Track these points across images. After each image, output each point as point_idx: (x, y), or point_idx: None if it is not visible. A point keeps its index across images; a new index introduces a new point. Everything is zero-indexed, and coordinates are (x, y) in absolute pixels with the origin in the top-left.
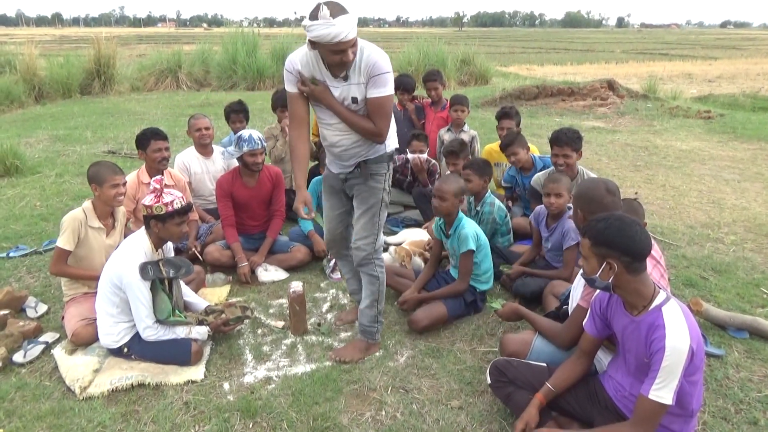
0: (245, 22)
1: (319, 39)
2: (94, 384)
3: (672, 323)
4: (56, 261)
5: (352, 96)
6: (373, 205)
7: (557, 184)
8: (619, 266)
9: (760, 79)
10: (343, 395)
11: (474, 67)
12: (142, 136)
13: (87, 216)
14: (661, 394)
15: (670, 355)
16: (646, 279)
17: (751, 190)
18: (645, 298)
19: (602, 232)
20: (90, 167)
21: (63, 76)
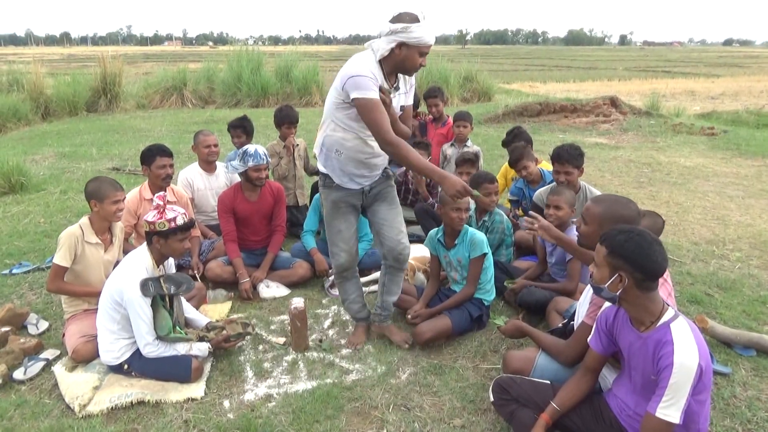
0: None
1: (418, 41)
2: (94, 402)
3: (680, 340)
4: (53, 278)
5: (400, 105)
6: (396, 201)
7: (558, 197)
8: (630, 281)
9: (763, 96)
10: (345, 413)
11: (477, 84)
12: (147, 152)
13: (84, 232)
14: (669, 413)
15: (678, 372)
16: (655, 296)
17: (755, 207)
18: (653, 315)
19: (621, 244)
20: (89, 183)
21: (69, 94)
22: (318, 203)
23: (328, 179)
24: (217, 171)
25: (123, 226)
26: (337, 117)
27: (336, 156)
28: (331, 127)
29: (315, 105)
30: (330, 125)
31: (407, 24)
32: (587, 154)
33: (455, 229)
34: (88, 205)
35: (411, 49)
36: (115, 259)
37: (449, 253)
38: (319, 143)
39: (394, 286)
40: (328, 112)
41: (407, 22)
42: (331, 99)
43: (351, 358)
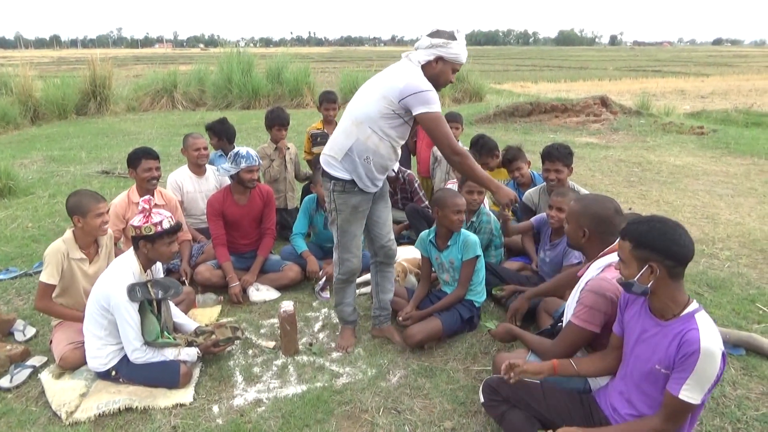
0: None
1: (455, 58)
2: (81, 409)
3: (706, 328)
4: (41, 296)
5: None
6: (389, 199)
7: (562, 198)
8: (662, 270)
9: (752, 95)
10: (335, 417)
11: (468, 85)
12: (133, 155)
13: (68, 247)
14: (692, 395)
15: (704, 359)
16: (682, 286)
17: (744, 205)
18: (679, 306)
19: (645, 234)
20: (69, 198)
21: (59, 97)
22: (308, 206)
23: (349, 184)
24: (206, 174)
25: (112, 234)
26: (380, 126)
27: (365, 162)
28: (366, 134)
29: (306, 107)
30: (365, 132)
31: (447, 40)
32: (578, 153)
33: (452, 231)
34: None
35: (446, 64)
36: (102, 269)
37: (441, 254)
38: (344, 148)
39: (387, 283)
40: (366, 118)
41: (446, 39)
42: (378, 108)
43: (341, 362)
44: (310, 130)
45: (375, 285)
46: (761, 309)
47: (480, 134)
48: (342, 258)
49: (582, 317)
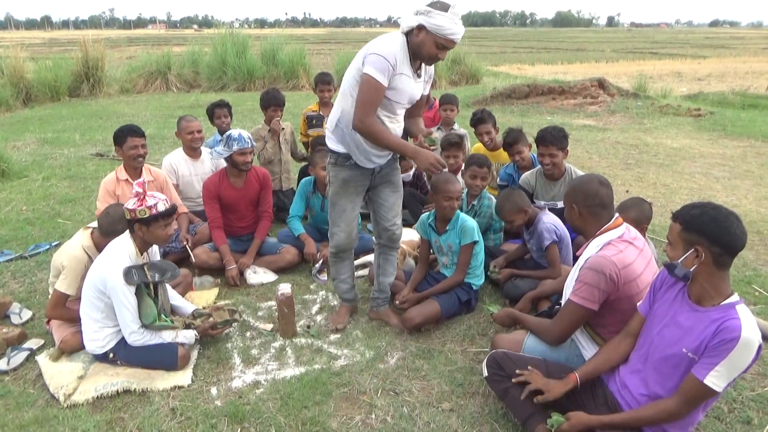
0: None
1: (437, 29)
2: (79, 391)
3: (747, 319)
4: (55, 305)
5: (421, 93)
6: (400, 185)
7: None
8: (707, 255)
9: (749, 77)
10: (333, 399)
11: (465, 67)
12: (119, 133)
13: (89, 254)
14: (717, 382)
15: (742, 348)
16: (727, 276)
17: (741, 188)
18: (721, 296)
19: (696, 217)
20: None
21: (51, 79)
22: (304, 188)
23: (341, 157)
24: (202, 157)
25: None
26: (355, 95)
27: (351, 133)
28: (349, 104)
29: (302, 89)
30: (348, 102)
31: (432, 9)
32: (575, 136)
33: (444, 215)
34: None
35: (428, 35)
36: None
37: (440, 238)
38: (333, 119)
39: (389, 266)
40: (347, 88)
41: (435, 8)
42: (351, 75)
43: (339, 344)
44: (306, 112)
45: (377, 267)
46: (757, 290)
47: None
48: (331, 231)
49: (581, 295)
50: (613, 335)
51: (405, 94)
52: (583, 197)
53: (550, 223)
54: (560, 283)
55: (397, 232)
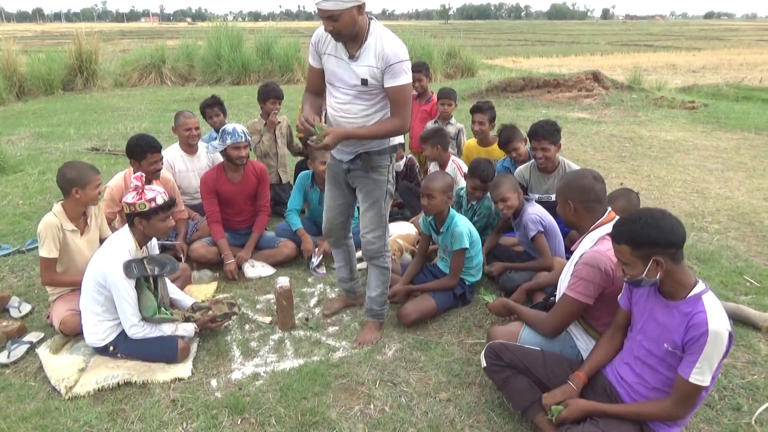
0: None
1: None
2: (80, 383)
3: (712, 310)
4: (45, 271)
5: (362, 78)
6: (378, 198)
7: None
8: (666, 260)
9: (743, 69)
10: (332, 390)
11: (460, 60)
12: (136, 148)
13: (60, 219)
14: (702, 377)
15: (713, 340)
16: (686, 268)
17: (734, 180)
18: (686, 288)
19: (641, 232)
20: (66, 170)
21: (44, 73)
22: (302, 182)
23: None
24: (198, 152)
25: (100, 204)
26: None
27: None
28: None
29: (297, 82)
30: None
31: None
32: (570, 129)
33: (443, 216)
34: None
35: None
36: (97, 238)
37: (438, 237)
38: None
39: (373, 279)
40: None
41: None
42: None
43: (337, 336)
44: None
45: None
46: (748, 281)
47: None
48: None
49: (576, 289)
50: (606, 327)
51: (333, 74)
52: (578, 193)
53: (535, 214)
54: (555, 276)
55: (368, 247)
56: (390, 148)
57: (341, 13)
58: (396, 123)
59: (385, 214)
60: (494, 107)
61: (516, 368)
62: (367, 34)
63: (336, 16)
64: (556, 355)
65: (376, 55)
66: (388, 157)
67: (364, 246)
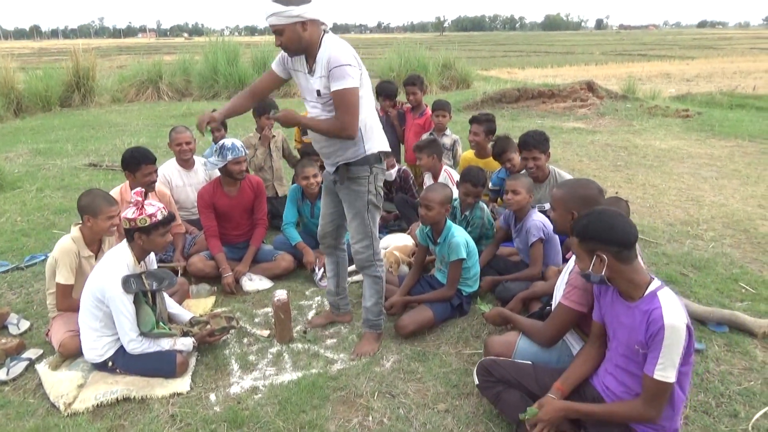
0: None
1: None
2: (79, 400)
3: (668, 304)
4: (61, 297)
5: (316, 89)
6: (360, 209)
7: (515, 181)
8: (609, 257)
9: (736, 77)
10: (330, 402)
11: (455, 72)
12: (132, 160)
13: (77, 245)
14: (666, 374)
15: (670, 335)
16: (638, 267)
17: (728, 187)
18: (640, 287)
19: (586, 226)
20: (82, 197)
21: (42, 89)
22: (294, 194)
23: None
24: (195, 166)
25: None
26: None
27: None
28: None
29: (294, 96)
30: None
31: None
32: (565, 138)
33: (440, 226)
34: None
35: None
36: None
37: (435, 248)
38: None
39: (367, 289)
40: None
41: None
42: None
43: (335, 348)
44: None
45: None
46: (744, 288)
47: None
48: None
49: (571, 298)
50: None
51: (302, 89)
52: (584, 203)
53: (539, 221)
54: (551, 285)
55: (356, 257)
56: (369, 157)
57: (284, 28)
58: (335, 125)
59: (370, 224)
60: (494, 121)
61: (508, 383)
62: (320, 47)
63: (280, 31)
64: (548, 368)
65: (323, 64)
66: (367, 168)
67: (353, 256)
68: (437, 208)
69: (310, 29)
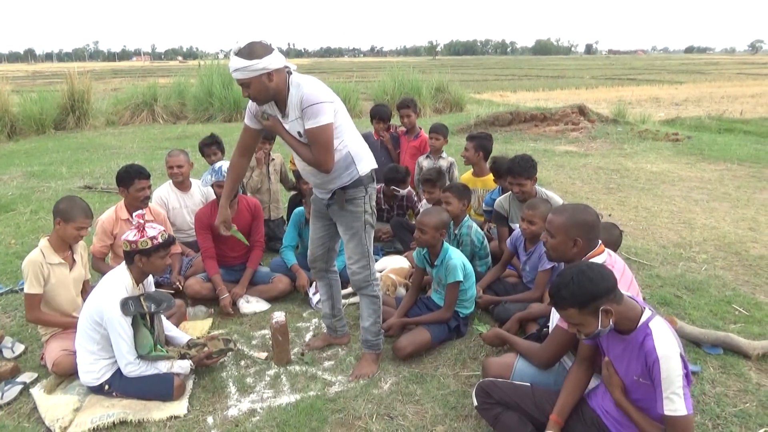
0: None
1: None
2: (75, 424)
3: (659, 334)
4: (29, 308)
5: (297, 131)
6: (357, 229)
7: (533, 212)
8: (612, 305)
9: (724, 101)
10: (329, 424)
11: (448, 95)
12: (125, 175)
13: (45, 254)
14: (674, 407)
15: (665, 367)
16: (628, 302)
17: (719, 210)
18: (634, 320)
19: (581, 293)
20: (62, 200)
21: (36, 112)
22: (297, 218)
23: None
24: (192, 189)
25: (84, 245)
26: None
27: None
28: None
29: None
30: None
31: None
32: (558, 161)
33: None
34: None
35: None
36: (83, 277)
37: (432, 270)
38: None
39: (364, 309)
40: None
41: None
42: None
43: (333, 370)
44: None
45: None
46: (737, 309)
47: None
48: None
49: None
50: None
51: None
52: (586, 229)
53: None
54: (548, 307)
55: (353, 278)
56: (363, 179)
57: (251, 81)
58: (311, 158)
59: (367, 243)
60: (488, 139)
61: (506, 404)
62: (288, 90)
63: (247, 84)
64: (546, 390)
65: (295, 105)
66: (362, 189)
67: (350, 277)
68: (431, 233)
69: (276, 78)
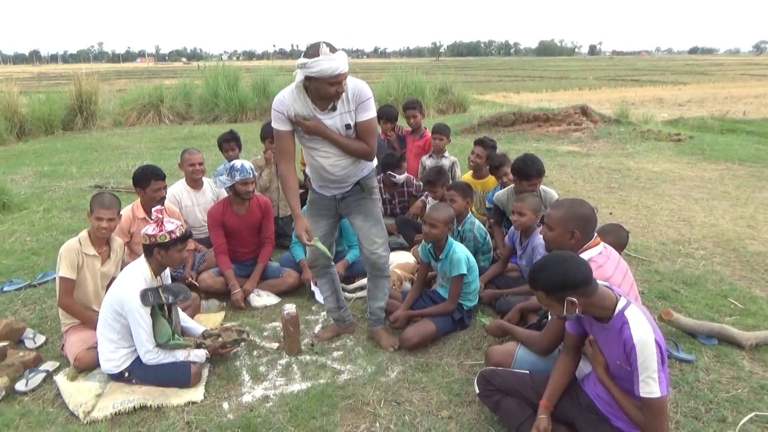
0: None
1: (320, 74)
2: (98, 408)
3: (635, 321)
4: (63, 293)
5: (345, 123)
6: (378, 214)
7: (522, 203)
8: (578, 298)
9: (727, 102)
10: (339, 410)
11: (452, 96)
12: (141, 175)
13: (82, 244)
14: (649, 389)
15: (641, 351)
16: (603, 292)
17: (719, 208)
18: (609, 309)
19: (549, 278)
20: (98, 194)
21: (44, 113)
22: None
23: (309, 179)
24: (204, 187)
25: (122, 243)
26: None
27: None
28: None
29: None
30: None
31: (306, 60)
32: (560, 161)
33: (442, 243)
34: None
35: (318, 81)
36: (112, 273)
37: (437, 264)
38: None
39: (378, 291)
40: None
41: (308, 57)
42: None
43: (342, 360)
44: None
45: (368, 291)
46: (733, 303)
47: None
48: None
49: None
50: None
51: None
52: (584, 222)
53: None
54: None
55: (379, 261)
56: (375, 169)
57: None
58: (365, 148)
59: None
60: (496, 147)
61: (506, 391)
62: None
63: (345, 76)
64: (543, 376)
65: (350, 98)
66: (375, 179)
67: (375, 262)
68: (441, 227)
69: None
